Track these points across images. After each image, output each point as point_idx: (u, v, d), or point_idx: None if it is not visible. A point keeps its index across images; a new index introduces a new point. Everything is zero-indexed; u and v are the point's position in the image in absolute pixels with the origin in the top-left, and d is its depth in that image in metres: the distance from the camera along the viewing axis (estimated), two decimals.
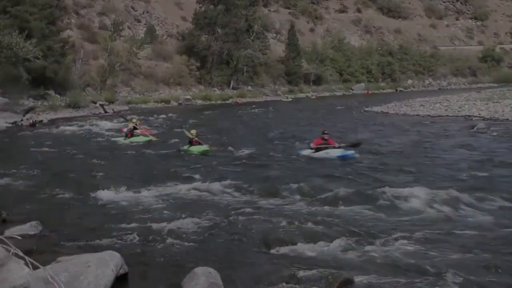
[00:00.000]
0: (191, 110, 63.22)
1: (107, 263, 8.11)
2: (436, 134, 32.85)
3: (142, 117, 47.09)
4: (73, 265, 7.98)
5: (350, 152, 21.69)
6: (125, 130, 31.82)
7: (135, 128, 29.70)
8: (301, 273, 8.90)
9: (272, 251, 10.53)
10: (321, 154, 21.82)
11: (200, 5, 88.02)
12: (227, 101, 77.83)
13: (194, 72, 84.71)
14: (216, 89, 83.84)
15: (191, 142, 25.10)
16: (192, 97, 78.31)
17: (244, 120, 48.84)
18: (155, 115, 50.48)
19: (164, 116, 50.18)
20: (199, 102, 75.85)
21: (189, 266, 8.74)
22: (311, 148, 22.35)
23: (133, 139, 28.86)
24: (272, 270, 9.21)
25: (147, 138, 29.28)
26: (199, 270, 8.18)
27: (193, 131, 25.62)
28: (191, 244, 10.93)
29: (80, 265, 7.97)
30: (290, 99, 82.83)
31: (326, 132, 22.55)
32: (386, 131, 35.14)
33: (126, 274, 8.51)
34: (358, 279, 8.68)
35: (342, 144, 22.24)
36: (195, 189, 16.38)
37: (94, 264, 7.97)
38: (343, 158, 21.40)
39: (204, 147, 24.78)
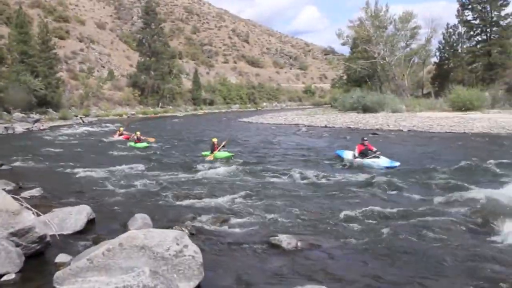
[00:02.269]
0: (134, 120, 61.99)
1: (82, 212, 8.42)
2: (278, 133, 33.91)
3: (116, 124, 47.02)
4: (62, 214, 8.27)
5: (397, 163, 15.35)
6: (116, 136, 29.87)
7: (138, 138, 25.58)
8: (200, 216, 8.86)
9: (185, 203, 10.19)
10: (368, 162, 15.64)
11: (141, 57, 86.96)
12: (153, 115, 76.75)
13: (137, 97, 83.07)
14: (150, 107, 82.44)
15: (213, 149, 18.96)
16: (135, 112, 77.23)
17: (164, 125, 47.00)
18: (115, 123, 48.56)
19: (120, 123, 48.37)
20: (140, 115, 74.37)
21: (131, 213, 8.65)
22: (355, 156, 16.23)
23: (138, 145, 24.63)
24: (182, 214, 9.03)
25: (147, 144, 24.90)
26: (137, 215, 8.32)
27: (215, 139, 19.52)
28: (134, 199, 10.76)
29: (66, 213, 8.29)
30: (183, 114, 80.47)
31: (365, 138, 16.68)
32: (250, 132, 35.55)
33: (94, 219, 8.63)
34: (235, 220, 8.70)
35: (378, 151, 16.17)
36: (141, 168, 15.71)
37: (74, 213, 8.34)
38: (390, 168, 15.06)
39: (227, 153, 18.83)
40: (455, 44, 59.33)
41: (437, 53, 62.11)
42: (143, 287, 4.48)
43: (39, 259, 6.47)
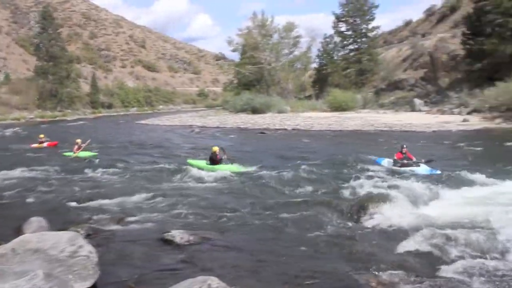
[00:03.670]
0: (33, 124, 57.68)
1: None
2: (173, 134, 33.53)
3: (16, 128, 43.55)
4: None
5: (438, 172, 13.08)
6: (36, 145, 24.39)
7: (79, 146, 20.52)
8: (98, 216, 8.46)
9: (84, 205, 9.65)
10: (406, 170, 13.45)
11: (38, 62, 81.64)
12: (47, 119, 71.80)
13: (36, 101, 77.58)
14: (49, 111, 77.78)
15: (213, 159, 14.47)
16: (34, 116, 71.78)
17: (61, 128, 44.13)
18: (15, 127, 45.19)
19: (18, 128, 45.04)
20: (38, 119, 69.25)
21: (27, 216, 8.05)
22: (395, 164, 14.14)
23: (81, 154, 19.81)
24: (80, 216, 8.68)
25: (91, 154, 19.97)
26: (33, 218, 7.90)
27: (216, 148, 14.94)
28: (31, 203, 10.08)
29: None
30: (76, 118, 74.50)
31: (404, 146, 14.38)
32: (146, 134, 34.14)
33: None
34: (130, 218, 8.41)
35: (422, 160, 14.01)
36: (40, 172, 14.38)
37: None
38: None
39: (237, 167, 14.22)
40: (331, 52, 62.88)
41: (317, 60, 65.59)
42: None
43: None
